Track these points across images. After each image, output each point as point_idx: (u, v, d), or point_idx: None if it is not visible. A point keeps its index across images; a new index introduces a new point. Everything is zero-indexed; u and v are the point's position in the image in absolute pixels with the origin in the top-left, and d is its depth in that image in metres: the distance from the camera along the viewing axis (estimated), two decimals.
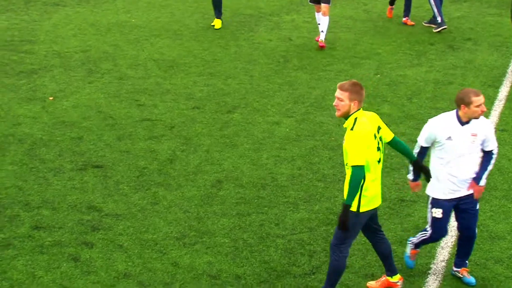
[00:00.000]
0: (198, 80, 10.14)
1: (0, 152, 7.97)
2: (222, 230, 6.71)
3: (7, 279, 5.96)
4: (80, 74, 10.17)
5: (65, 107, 9.16)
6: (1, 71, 10.11)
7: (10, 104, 9.15)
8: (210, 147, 8.27)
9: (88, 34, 11.77)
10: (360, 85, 5.36)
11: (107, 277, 6.03)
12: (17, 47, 11.04)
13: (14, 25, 12.01)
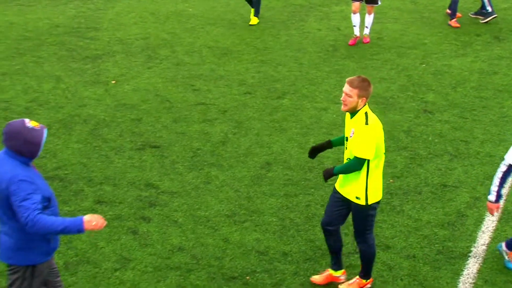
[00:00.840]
0: (250, 67, 10.13)
1: (67, 131, 8.13)
2: (270, 209, 6.72)
3: (72, 248, 6.11)
4: (140, 60, 10.28)
5: (126, 90, 9.28)
6: (69, 56, 10.29)
7: (76, 87, 9.32)
8: (260, 130, 8.28)
9: (148, 22, 11.87)
10: (368, 82, 5.20)
11: (163, 249, 6.12)
12: (83, 34, 11.20)
13: (80, 13, 12.19)
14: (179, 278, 5.77)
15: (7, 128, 4.45)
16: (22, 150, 4.42)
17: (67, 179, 7.15)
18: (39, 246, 4.51)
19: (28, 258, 4.52)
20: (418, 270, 5.91)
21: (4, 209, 4.43)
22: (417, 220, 6.58)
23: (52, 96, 9.00)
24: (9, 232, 4.48)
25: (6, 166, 4.40)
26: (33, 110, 8.59)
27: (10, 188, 4.32)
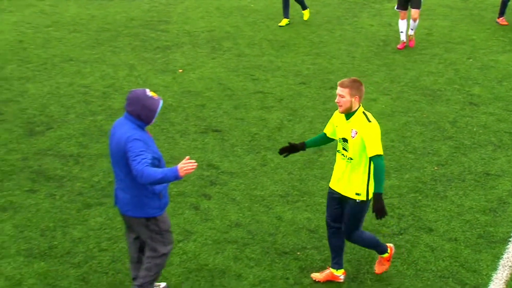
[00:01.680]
0: (305, 59, 10.04)
1: None
2: (321, 191, 6.66)
3: None
4: (205, 51, 10.32)
5: (192, 78, 9.34)
6: (142, 47, 10.42)
7: (147, 75, 9.43)
8: (314, 118, 8.20)
9: (213, 17, 11.90)
10: (359, 82, 4.94)
11: (222, 224, 6.15)
12: (155, 26, 11.32)
13: (153, 8, 12.32)
14: (236, 251, 5.79)
15: (130, 95, 4.66)
16: (140, 115, 4.61)
17: None
18: (152, 201, 4.71)
19: (144, 211, 4.72)
20: (459, 252, 5.76)
21: (121, 166, 4.64)
22: (460, 205, 6.41)
23: (126, 83, 9.13)
24: (125, 188, 4.70)
25: (125, 127, 4.62)
26: (109, 95, 8.74)
27: (126, 146, 4.54)
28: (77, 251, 5.72)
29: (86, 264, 5.57)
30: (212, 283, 5.41)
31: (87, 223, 6.09)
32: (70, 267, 5.53)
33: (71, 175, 6.81)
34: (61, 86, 8.90)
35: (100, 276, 5.44)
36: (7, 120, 7.88)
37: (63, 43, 10.34)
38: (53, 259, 5.61)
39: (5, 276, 5.39)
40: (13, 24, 10.97)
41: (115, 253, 5.71)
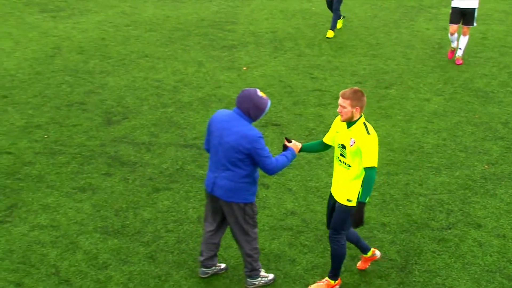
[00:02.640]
0: (362, 60, 9.85)
1: (205, 108, 8.30)
2: (374, 185, 6.52)
3: (204, 206, 6.24)
4: (268, 50, 10.28)
5: (255, 76, 9.32)
6: (210, 45, 10.48)
7: (214, 71, 9.48)
8: (368, 116, 8.04)
9: (277, 18, 11.83)
10: (361, 92, 4.68)
11: (278, 212, 6.11)
12: (223, 27, 11.37)
13: (222, 9, 12.37)
14: (291, 238, 5.74)
15: (242, 93, 4.72)
16: (250, 112, 4.68)
17: (203, 147, 7.31)
18: (252, 187, 4.81)
19: (244, 197, 4.79)
20: (507, 248, 5.52)
21: (232, 158, 4.68)
22: (509, 203, 6.14)
23: (194, 78, 9.21)
24: (230, 177, 4.74)
25: (240, 122, 4.67)
26: (179, 89, 8.84)
27: (252, 144, 4.59)
28: (146, 231, 5.81)
29: (154, 243, 5.65)
30: (268, 266, 5.39)
31: (156, 205, 6.18)
32: (140, 245, 5.62)
33: (143, 161, 6.92)
34: (137, 80, 9.06)
35: (166, 254, 5.51)
36: (89, 109, 8.09)
37: (140, 41, 10.52)
38: (125, 237, 5.72)
39: (84, 250, 5.53)
40: (97, 23, 11.24)
41: (180, 235, 5.76)
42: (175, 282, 5.20)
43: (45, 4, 11.97)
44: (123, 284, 5.17)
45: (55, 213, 5.98)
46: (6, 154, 6.92)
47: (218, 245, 5.11)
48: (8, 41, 10.03)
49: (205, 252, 5.11)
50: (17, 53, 9.58)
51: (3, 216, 5.92)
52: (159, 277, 5.26)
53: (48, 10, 11.70)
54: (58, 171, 6.65)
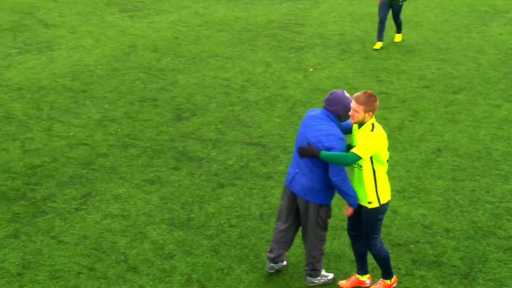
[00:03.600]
0: (430, 64, 9.59)
1: (271, 107, 8.33)
2: (437, 190, 6.34)
3: (267, 203, 6.27)
4: (335, 52, 10.19)
5: (321, 77, 9.26)
6: (278, 46, 10.50)
7: (281, 72, 9.49)
8: (435, 120, 7.82)
9: (345, 21, 11.70)
10: (374, 97, 4.56)
11: (340, 213, 6.04)
12: (291, 28, 11.36)
13: (291, 11, 12.36)
14: None
15: (331, 95, 4.74)
16: (340, 113, 4.71)
17: (267, 146, 7.33)
18: (328, 190, 4.76)
19: (319, 198, 4.77)
20: None
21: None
22: None
23: (262, 78, 9.25)
24: (308, 175, 4.73)
25: (326, 122, 4.67)
26: (246, 88, 8.90)
27: (331, 143, 4.58)
28: (210, 224, 5.90)
29: (218, 237, 5.72)
30: (328, 265, 5.34)
31: (220, 200, 6.25)
32: (203, 238, 5.71)
33: (209, 157, 7.02)
34: (206, 78, 9.20)
35: (229, 248, 5.57)
36: (160, 105, 8.29)
37: (211, 40, 10.67)
38: (190, 229, 5.83)
39: (151, 240, 5.68)
40: (171, 23, 11.49)
41: (243, 230, 5.81)
42: (237, 276, 5.25)
43: (124, 4, 12.36)
44: (187, 275, 5.27)
45: (126, 203, 6.17)
46: (83, 145, 7.20)
47: (290, 243, 5.08)
48: (89, 39, 10.42)
49: (275, 250, 5.09)
50: (97, 50, 9.95)
51: (79, 203, 6.16)
52: (221, 270, 5.32)
53: (126, 10, 12.07)
54: (130, 164, 6.85)
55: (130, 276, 5.23)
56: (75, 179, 6.50)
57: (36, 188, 6.32)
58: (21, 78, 8.75)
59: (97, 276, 5.22)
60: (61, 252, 5.47)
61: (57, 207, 6.07)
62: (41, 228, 5.75)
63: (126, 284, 5.15)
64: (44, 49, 9.77)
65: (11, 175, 6.50)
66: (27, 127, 7.49)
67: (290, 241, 5.07)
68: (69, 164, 6.78)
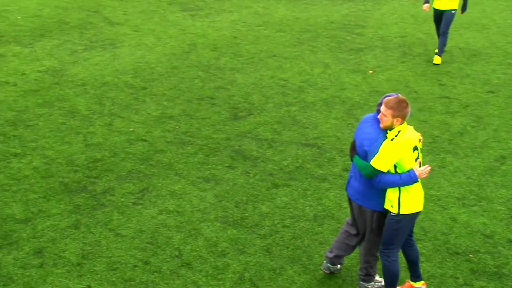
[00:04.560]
0: (497, 68, 9.26)
1: (327, 109, 8.26)
2: (500, 199, 6.11)
3: (321, 204, 6.22)
4: (395, 55, 10.00)
5: (380, 80, 9.11)
6: (337, 48, 10.41)
7: (339, 73, 9.40)
8: (499, 127, 7.54)
9: (407, 23, 11.47)
10: (405, 102, 4.36)
11: None
12: (351, 30, 11.23)
13: (352, 13, 12.23)
14: None
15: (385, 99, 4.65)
16: None
17: (323, 148, 7.28)
18: (380, 196, 4.65)
19: (371, 203, 4.70)
20: None
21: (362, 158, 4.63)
22: None
23: (319, 79, 9.19)
24: (359, 178, 4.71)
25: (374, 124, 4.60)
26: (304, 89, 8.87)
27: (371, 147, 4.54)
28: (264, 224, 5.91)
29: (271, 237, 5.72)
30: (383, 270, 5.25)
31: (274, 201, 6.25)
32: (256, 237, 5.72)
33: (264, 157, 7.04)
34: (264, 78, 9.22)
35: (282, 249, 5.56)
36: (217, 104, 8.37)
37: (270, 40, 10.69)
38: (243, 228, 5.86)
39: (205, 237, 5.75)
40: (231, 22, 11.59)
41: (296, 231, 5.79)
42: (289, 276, 5.24)
43: (186, 4, 12.56)
44: (239, 273, 5.30)
45: (181, 200, 6.27)
46: (142, 141, 7.37)
47: (352, 248, 5.01)
48: (151, 37, 10.65)
49: (336, 249, 5.04)
50: (158, 48, 10.16)
51: (136, 198, 6.30)
52: (273, 270, 5.32)
53: (188, 9, 12.27)
54: (186, 161, 6.95)
55: (184, 272, 5.31)
56: (133, 174, 6.66)
57: (96, 181, 6.51)
58: (86, 74, 9.04)
59: (151, 270, 5.33)
60: (118, 244, 5.61)
61: (115, 200, 6.23)
62: (100, 220, 5.92)
63: (180, 280, 5.23)
64: (108, 46, 10.06)
65: (73, 168, 6.73)
66: (90, 122, 7.73)
67: (353, 247, 4.99)
68: (128, 159, 6.95)
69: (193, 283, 5.20)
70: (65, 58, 9.47)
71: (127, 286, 5.15)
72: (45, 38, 10.14)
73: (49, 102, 8.15)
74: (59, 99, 8.26)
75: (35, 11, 11.23)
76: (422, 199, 4.56)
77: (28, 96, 8.27)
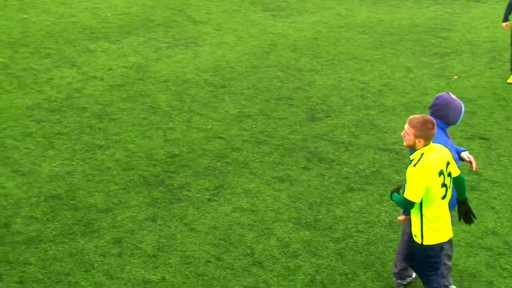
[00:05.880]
0: None
1: (408, 114, 8.08)
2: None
3: (397, 211, 6.10)
4: (484, 60, 9.63)
5: (465, 86, 8.81)
6: (421, 51, 10.16)
7: (422, 78, 9.18)
8: None
9: (498, 27, 11.01)
10: (431, 123, 4.10)
11: (477, 230, 5.73)
12: (437, 33, 10.93)
13: (438, 16, 11.90)
14: (489, 258, 5.35)
15: (439, 100, 4.61)
16: (449, 117, 4.55)
17: (401, 153, 7.13)
18: None
19: None
20: None
21: None
22: None
23: (401, 83, 9.01)
24: None
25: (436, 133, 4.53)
26: (384, 93, 8.73)
27: None
28: (337, 228, 5.88)
29: (344, 241, 5.69)
30: (461, 283, 5.09)
31: (349, 204, 6.20)
32: (329, 240, 5.70)
33: (340, 160, 6.99)
34: (343, 80, 9.16)
35: (355, 254, 5.51)
36: (295, 105, 8.40)
37: (351, 42, 10.60)
38: (316, 230, 5.85)
39: (277, 237, 5.79)
40: (312, 23, 11.59)
41: (370, 236, 5.72)
42: (361, 282, 5.19)
43: (268, 4, 12.69)
44: (310, 275, 5.30)
45: (255, 199, 6.35)
46: (219, 138, 7.52)
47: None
48: (233, 36, 10.84)
49: (399, 262, 4.97)
50: (239, 47, 10.32)
51: (211, 195, 6.45)
52: (345, 274, 5.29)
53: (270, 9, 12.39)
54: (262, 160, 7.03)
55: (255, 270, 5.38)
56: (209, 171, 6.82)
57: (174, 176, 6.71)
58: (168, 71, 9.34)
59: (224, 266, 5.44)
60: (192, 239, 5.76)
61: (191, 196, 6.40)
62: (176, 215, 6.11)
63: (251, 278, 5.30)
64: (191, 44, 10.34)
65: (152, 162, 6.98)
66: (170, 118, 7.99)
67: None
68: (205, 155, 7.12)
69: (264, 282, 5.25)
70: (149, 55, 9.83)
71: (200, 281, 5.28)
72: (131, 35, 10.56)
73: (132, 97, 8.49)
74: (142, 94, 8.58)
75: (123, 9, 11.73)
76: (448, 228, 4.36)
77: (113, 91, 8.65)
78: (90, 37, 10.41)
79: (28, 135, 7.42)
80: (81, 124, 7.73)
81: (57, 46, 9.95)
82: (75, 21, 10.94)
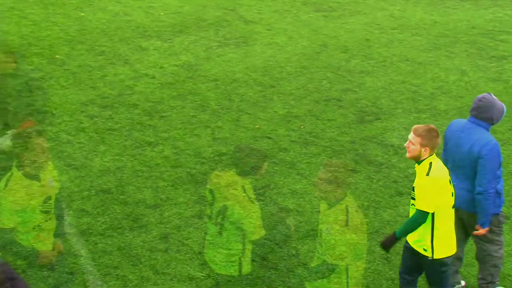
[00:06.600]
0: None
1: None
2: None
3: None
4: None
5: None
6: (477, 54, 9.93)
7: (478, 81, 8.97)
8: None
9: None
10: (435, 132, 4.07)
11: None
12: (495, 36, 10.65)
13: (497, 18, 11.58)
14: None
15: (482, 102, 4.71)
16: (493, 118, 4.63)
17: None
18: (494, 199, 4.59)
19: None
20: None
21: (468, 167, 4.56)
22: None
23: (454, 87, 8.84)
24: (469, 187, 4.58)
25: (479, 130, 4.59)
26: (436, 96, 8.58)
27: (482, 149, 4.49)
28: (385, 232, 5.82)
29: None
30: None
31: (397, 209, 6.14)
32: (376, 244, 5.65)
33: (389, 163, 6.92)
34: (394, 82, 9.05)
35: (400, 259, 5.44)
36: (344, 106, 8.36)
37: (404, 44, 10.46)
38: (363, 234, 5.81)
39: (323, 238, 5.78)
40: (364, 25, 11.49)
41: None
42: None
43: (320, 4, 12.66)
44: (356, 279, 5.27)
45: (301, 199, 6.36)
46: (266, 138, 7.57)
47: (460, 260, 4.87)
48: (283, 36, 10.88)
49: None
50: (289, 48, 10.35)
51: (258, 194, 6.48)
52: (392, 279, 5.24)
53: (321, 9, 12.36)
54: (309, 161, 7.03)
55: (300, 271, 5.39)
56: (256, 170, 6.86)
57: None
58: (218, 70, 9.45)
59: (268, 266, 5.48)
60: (237, 238, 5.82)
61: (237, 195, 6.46)
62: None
63: (296, 278, 5.32)
64: (241, 44, 10.44)
65: (200, 160, 7.09)
66: (218, 116, 8.09)
67: (460, 258, 4.86)
68: (252, 155, 7.17)
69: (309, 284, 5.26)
70: (200, 54, 9.98)
71: (244, 280, 5.33)
72: (183, 34, 10.74)
73: (182, 95, 8.64)
74: (191, 93, 8.72)
75: (176, 8, 11.94)
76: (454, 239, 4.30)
77: (164, 89, 8.83)
78: (143, 35, 10.65)
79: (81, 130, 7.67)
80: (132, 121, 7.92)
81: (111, 43, 10.23)
82: (129, 20, 11.22)
